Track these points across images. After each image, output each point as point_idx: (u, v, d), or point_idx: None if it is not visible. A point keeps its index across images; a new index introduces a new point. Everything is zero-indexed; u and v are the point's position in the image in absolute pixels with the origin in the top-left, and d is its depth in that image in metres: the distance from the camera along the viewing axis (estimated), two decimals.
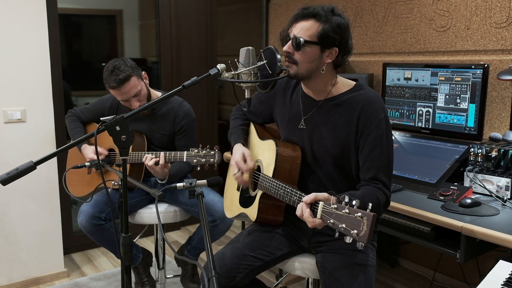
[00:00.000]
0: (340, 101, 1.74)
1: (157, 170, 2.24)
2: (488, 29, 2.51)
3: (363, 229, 1.27)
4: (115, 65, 2.30)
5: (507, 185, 2.08)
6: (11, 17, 2.75)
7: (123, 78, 2.28)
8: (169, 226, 3.90)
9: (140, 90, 2.36)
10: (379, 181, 1.65)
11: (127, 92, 2.32)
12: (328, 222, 1.37)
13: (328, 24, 1.63)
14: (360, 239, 1.27)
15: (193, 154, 2.12)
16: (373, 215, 1.26)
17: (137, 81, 2.35)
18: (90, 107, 2.65)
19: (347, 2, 3.27)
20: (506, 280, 1.35)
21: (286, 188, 1.66)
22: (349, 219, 1.31)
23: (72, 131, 2.60)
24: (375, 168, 1.65)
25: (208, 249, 1.41)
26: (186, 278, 2.67)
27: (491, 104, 2.51)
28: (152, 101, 1.54)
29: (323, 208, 1.41)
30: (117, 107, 2.57)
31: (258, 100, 2.02)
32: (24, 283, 2.98)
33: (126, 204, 1.53)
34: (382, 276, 3.07)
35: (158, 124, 2.50)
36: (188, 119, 2.51)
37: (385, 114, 1.68)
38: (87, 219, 2.33)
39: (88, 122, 2.67)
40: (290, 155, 1.80)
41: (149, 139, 2.51)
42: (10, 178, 1.38)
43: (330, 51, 1.68)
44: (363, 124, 1.67)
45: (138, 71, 2.39)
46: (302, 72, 1.69)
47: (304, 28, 1.65)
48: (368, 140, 1.67)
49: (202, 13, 3.83)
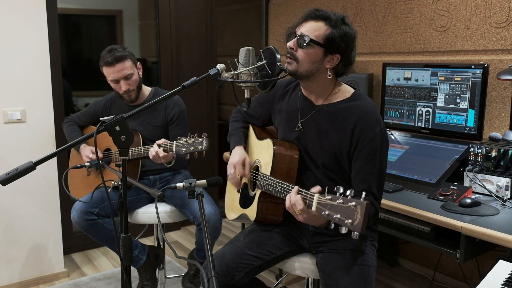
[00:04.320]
0: (337, 109, 1.74)
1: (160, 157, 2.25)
2: (488, 29, 2.51)
3: (357, 218, 1.27)
4: (113, 47, 2.44)
5: (507, 185, 2.08)
6: (11, 17, 2.75)
7: (119, 56, 2.39)
8: (169, 226, 3.90)
9: (132, 74, 2.45)
10: (370, 193, 1.68)
11: (119, 71, 2.41)
12: (323, 214, 1.38)
13: (336, 29, 1.65)
14: (355, 228, 1.28)
15: (182, 142, 2.13)
16: (367, 203, 1.28)
17: (131, 65, 2.45)
18: (85, 111, 2.72)
19: (347, 2, 3.27)
20: (506, 280, 1.35)
21: (283, 185, 1.67)
22: (343, 209, 1.31)
23: (70, 135, 2.66)
24: (368, 180, 1.68)
25: (208, 249, 1.41)
26: (187, 277, 2.66)
27: (491, 104, 2.51)
28: (151, 102, 1.54)
29: (318, 200, 1.42)
30: (110, 108, 2.63)
31: (258, 102, 2.03)
32: (24, 283, 2.98)
33: (126, 204, 1.53)
34: (382, 276, 3.07)
35: (150, 117, 2.56)
36: (178, 108, 2.57)
37: (380, 127, 1.69)
38: (79, 215, 2.35)
39: (85, 126, 2.73)
40: (287, 153, 1.80)
41: (144, 134, 2.55)
42: (10, 178, 1.38)
43: (332, 57, 1.69)
44: (357, 136, 1.68)
45: (134, 58, 2.50)
46: (302, 71, 1.70)
47: (313, 28, 1.67)
48: (362, 154, 1.68)
49: (202, 13, 3.83)
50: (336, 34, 1.65)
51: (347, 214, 1.30)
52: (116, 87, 2.47)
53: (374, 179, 1.68)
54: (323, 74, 1.72)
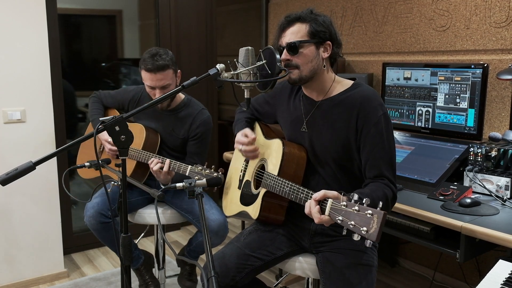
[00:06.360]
0: (338, 101, 1.75)
1: (160, 175, 2.25)
2: (488, 29, 2.51)
3: (373, 227, 1.27)
4: (158, 51, 2.32)
5: (506, 185, 2.08)
6: (11, 17, 2.75)
7: (161, 65, 2.29)
8: (169, 226, 3.90)
9: (170, 85, 2.36)
10: (384, 177, 1.66)
11: (158, 80, 2.32)
12: (337, 219, 1.37)
13: (313, 22, 1.71)
14: (370, 237, 1.27)
15: (196, 170, 2.08)
16: (384, 213, 1.27)
17: (172, 75, 2.37)
18: (114, 94, 2.64)
19: (347, 2, 3.27)
20: (506, 279, 1.35)
21: (292, 186, 1.67)
22: (358, 217, 1.31)
23: (92, 112, 2.60)
24: (378, 165, 1.66)
25: (208, 249, 1.41)
26: (183, 276, 2.66)
27: (491, 103, 2.51)
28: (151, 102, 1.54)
29: (332, 205, 1.41)
30: (138, 101, 2.56)
31: (265, 100, 2.05)
32: (24, 283, 2.98)
33: (126, 204, 1.53)
34: (382, 276, 3.07)
35: (175, 126, 2.48)
36: (204, 128, 2.48)
37: (383, 111, 1.69)
38: (94, 216, 2.32)
39: (110, 107, 2.67)
40: (296, 155, 1.80)
41: (163, 139, 2.49)
42: (10, 179, 1.38)
43: (325, 46, 1.73)
44: (362, 122, 1.69)
45: (176, 67, 2.41)
46: (306, 74, 1.72)
47: (293, 32, 1.71)
48: (368, 138, 1.68)
49: (202, 13, 3.83)
50: (315, 26, 1.70)
51: (363, 222, 1.29)
52: (150, 92, 2.39)
53: (386, 162, 1.67)
54: (322, 69, 1.74)
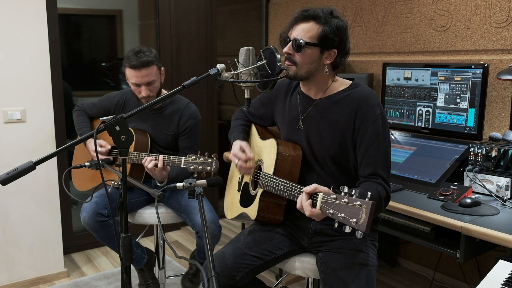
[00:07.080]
0: (336, 99, 1.76)
1: (155, 173, 2.25)
2: (488, 29, 2.51)
3: (362, 217, 1.27)
4: (142, 49, 2.36)
5: (507, 185, 2.08)
6: (11, 17, 2.75)
7: (146, 61, 2.32)
8: (169, 226, 3.90)
9: (155, 81, 2.39)
10: (378, 176, 1.67)
11: (144, 77, 2.34)
12: (328, 213, 1.38)
13: (327, 26, 1.66)
14: (359, 228, 1.28)
15: (191, 160, 2.10)
16: (372, 203, 1.27)
17: (156, 71, 2.39)
18: (97, 103, 2.65)
19: (347, 2, 3.27)
20: (506, 280, 1.35)
21: (286, 183, 1.67)
22: (348, 208, 1.31)
23: (79, 125, 2.60)
24: (373, 164, 1.67)
25: (208, 249, 1.41)
26: (186, 276, 2.67)
27: (491, 103, 2.51)
28: (150, 102, 1.54)
29: (322, 199, 1.42)
30: (123, 105, 2.57)
31: (260, 102, 2.05)
32: (24, 283, 2.98)
33: (126, 204, 1.53)
34: (382, 276, 3.07)
35: (163, 124, 2.50)
36: (193, 121, 2.51)
37: (381, 111, 1.70)
38: (90, 216, 2.32)
39: (95, 117, 2.67)
40: (291, 154, 1.80)
41: (153, 138, 2.50)
42: (10, 178, 1.38)
43: (329, 53, 1.71)
44: (359, 121, 1.69)
45: (160, 64, 2.43)
46: (302, 73, 1.72)
47: (305, 30, 1.68)
48: (365, 137, 1.68)
49: (202, 13, 3.83)
50: (328, 31, 1.66)
51: (352, 213, 1.30)
52: (136, 90, 2.41)
53: (380, 162, 1.67)
54: (322, 71, 1.74)
